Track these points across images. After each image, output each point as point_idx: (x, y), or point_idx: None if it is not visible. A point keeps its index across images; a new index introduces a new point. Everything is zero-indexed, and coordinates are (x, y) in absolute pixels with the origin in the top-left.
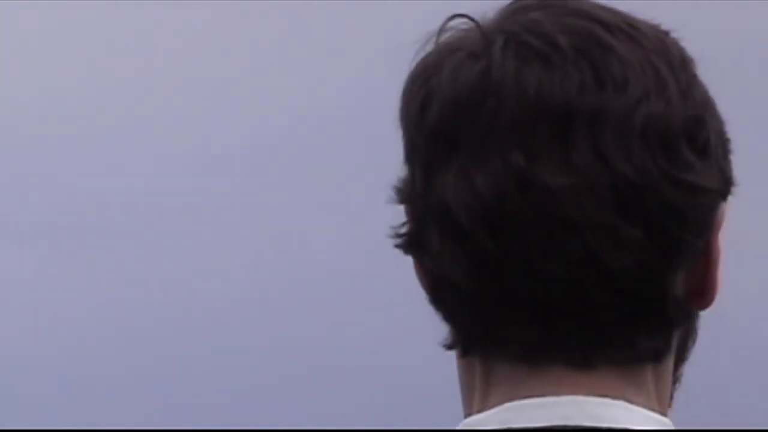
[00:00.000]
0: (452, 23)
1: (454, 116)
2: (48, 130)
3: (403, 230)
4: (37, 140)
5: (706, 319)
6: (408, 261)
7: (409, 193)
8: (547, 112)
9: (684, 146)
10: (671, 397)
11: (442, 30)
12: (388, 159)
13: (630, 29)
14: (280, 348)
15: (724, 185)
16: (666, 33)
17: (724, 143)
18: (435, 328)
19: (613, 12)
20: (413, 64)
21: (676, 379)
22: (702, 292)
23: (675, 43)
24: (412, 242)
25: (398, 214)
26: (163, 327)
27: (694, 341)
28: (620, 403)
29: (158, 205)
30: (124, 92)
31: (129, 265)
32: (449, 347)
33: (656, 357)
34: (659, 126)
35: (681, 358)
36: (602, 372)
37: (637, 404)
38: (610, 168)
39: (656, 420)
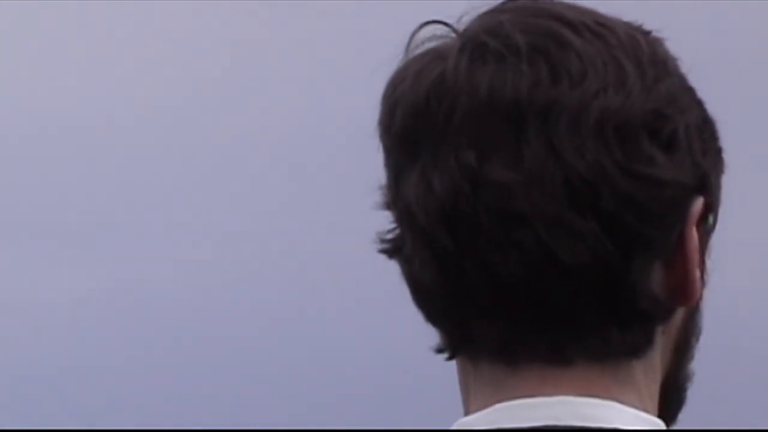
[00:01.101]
0: (428, 29)
1: (415, 120)
2: (47, 130)
3: (389, 236)
4: (35, 140)
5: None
6: None
7: (387, 199)
8: (498, 109)
9: (645, 140)
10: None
11: (412, 36)
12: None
13: (597, 27)
14: (281, 348)
15: (697, 179)
16: (644, 32)
17: (702, 138)
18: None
19: (583, 11)
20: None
21: (687, 378)
22: (681, 287)
23: (650, 41)
24: (395, 248)
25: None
26: (163, 327)
27: (697, 338)
28: (610, 403)
29: (159, 205)
30: (126, 93)
31: (128, 266)
32: (438, 351)
33: (634, 352)
34: (616, 119)
35: (683, 355)
36: (581, 368)
37: (627, 403)
38: (562, 162)
39: (647, 420)
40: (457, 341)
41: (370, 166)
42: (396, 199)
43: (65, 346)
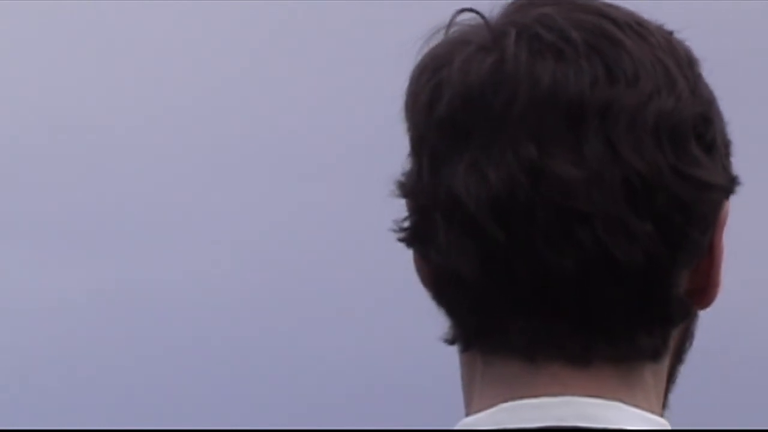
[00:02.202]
0: (459, 18)
1: (466, 107)
2: (50, 131)
3: (406, 224)
4: (37, 141)
5: (705, 318)
6: (406, 260)
7: (413, 186)
8: (560, 105)
9: (692, 143)
10: (666, 398)
11: (450, 24)
12: (388, 160)
13: (638, 27)
14: (282, 348)
15: (728, 183)
16: (670, 33)
17: (726, 143)
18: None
19: (621, 9)
20: (419, 58)
21: (672, 380)
22: (704, 290)
23: (680, 43)
24: (414, 236)
25: (397, 211)
26: (164, 327)
27: (691, 343)
28: (615, 404)
29: (160, 206)
30: (128, 93)
31: (130, 266)
32: (450, 342)
33: (655, 356)
34: (669, 122)
35: (679, 359)
36: (598, 369)
37: (633, 404)
38: (622, 161)
39: (652, 420)
40: (476, 334)
41: (376, 170)
42: (433, 186)
43: (65, 346)
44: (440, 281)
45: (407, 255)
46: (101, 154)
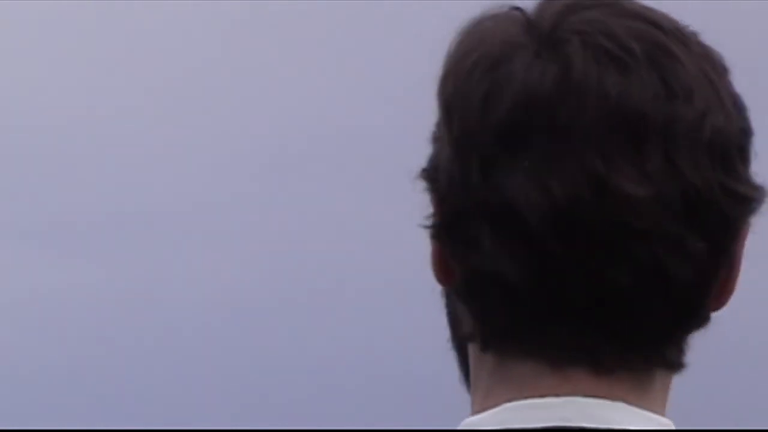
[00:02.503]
0: (496, 13)
1: (528, 114)
2: (57, 132)
3: (435, 219)
4: (46, 142)
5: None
6: (409, 261)
7: (453, 185)
8: (626, 119)
9: (737, 158)
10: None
11: (486, 17)
12: (388, 161)
13: (680, 34)
14: (283, 348)
15: (761, 195)
16: (695, 35)
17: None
18: (434, 327)
19: (658, 13)
20: (460, 51)
21: None
22: (720, 296)
23: (712, 49)
24: (446, 233)
25: (397, 212)
26: (167, 328)
27: None
28: (620, 405)
29: (166, 207)
30: (135, 95)
31: (136, 267)
32: (467, 340)
33: (678, 368)
34: (720, 138)
35: None
36: (618, 377)
37: (638, 405)
38: (682, 178)
39: (655, 420)
40: (504, 337)
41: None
42: (483, 189)
43: (65, 346)
44: (477, 282)
45: (407, 256)
46: (101, 154)
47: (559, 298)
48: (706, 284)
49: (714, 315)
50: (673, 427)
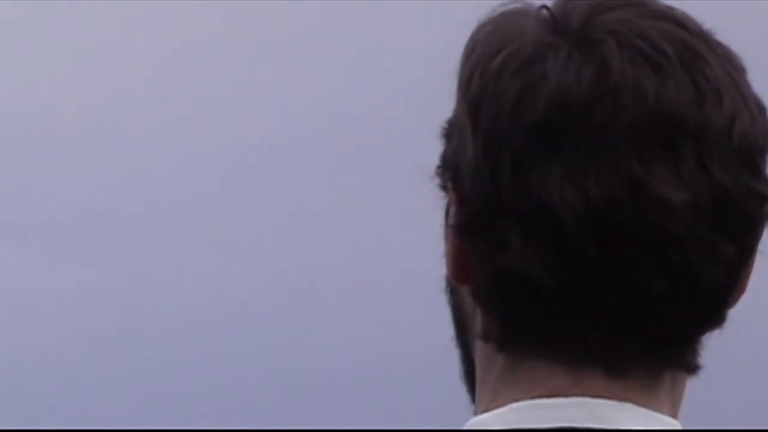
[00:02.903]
0: (517, 9)
1: (564, 114)
2: (53, 131)
3: (457, 218)
4: (42, 141)
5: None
6: (407, 261)
7: (480, 184)
8: (662, 121)
9: (761, 160)
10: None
11: (506, 14)
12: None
13: (702, 34)
14: (281, 348)
15: None
16: (712, 33)
17: None
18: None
19: (680, 12)
20: (486, 46)
21: None
22: (735, 297)
23: (732, 50)
24: (467, 232)
25: (396, 212)
26: (164, 327)
27: None
28: (627, 405)
29: (162, 206)
30: (131, 93)
31: (133, 266)
32: (484, 339)
33: (695, 370)
34: (748, 141)
35: None
36: (633, 378)
37: (646, 406)
38: (714, 182)
39: (663, 421)
40: (523, 337)
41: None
42: (515, 190)
43: (65, 346)
44: (503, 282)
45: (407, 257)
46: (101, 154)
47: (589, 301)
48: (733, 287)
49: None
50: (679, 427)
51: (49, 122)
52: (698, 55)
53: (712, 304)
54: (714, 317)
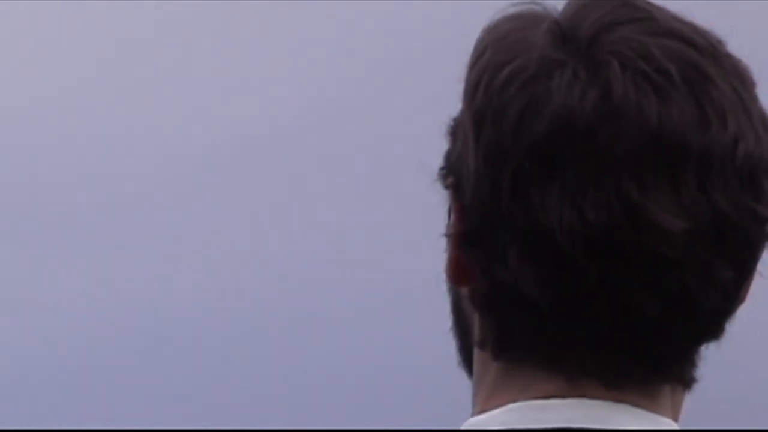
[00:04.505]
0: (525, 14)
1: (566, 135)
2: (44, 127)
3: (457, 228)
4: (32, 137)
5: None
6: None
7: (482, 198)
8: (664, 147)
9: (764, 180)
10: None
11: (514, 20)
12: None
13: (711, 48)
14: (280, 347)
15: None
16: (722, 43)
17: None
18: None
19: (690, 26)
20: (490, 55)
21: None
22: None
23: (741, 62)
24: (466, 242)
25: (398, 213)
26: (161, 326)
27: None
28: (624, 407)
29: (155, 201)
30: (126, 90)
31: (126, 263)
32: (480, 346)
33: (692, 384)
34: (751, 163)
35: None
36: (628, 389)
37: (646, 408)
38: (715, 207)
39: (658, 420)
40: (519, 346)
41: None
42: (513, 207)
43: (65, 346)
44: (499, 294)
45: (408, 257)
46: (101, 154)
47: (583, 320)
48: (730, 309)
49: None
50: (675, 427)
51: (38, 119)
52: (704, 74)
53: (710, 325)
54: (713, 336)
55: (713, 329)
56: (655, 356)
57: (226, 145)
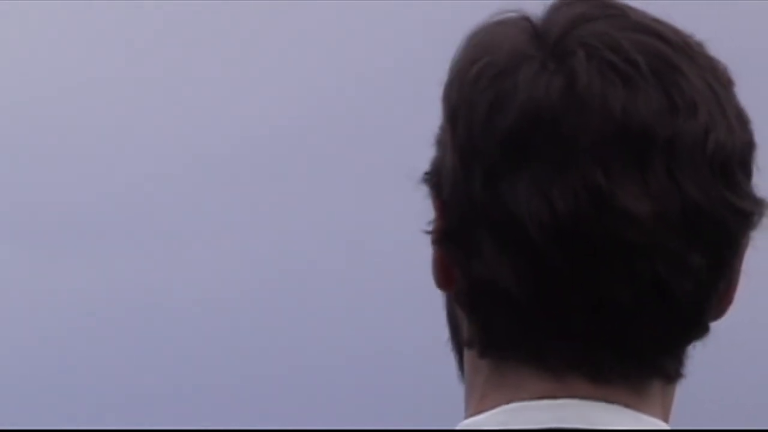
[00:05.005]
0: (504, 19)
1: (533, 126)
2: (41, 128)
3: (437, 225)
4: (32, 137)
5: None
6: (406, 262)
7: (456, 193)
8: (629, 135)
9: (739, 172)
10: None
11: (492, 23)
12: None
13: (686, 46)
14: (280, 347)
15: (763, 209)
16: (701, 44)
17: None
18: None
19: (667, 26)
20: (466, 58)
21: None
22: (720, 306)
23: (718, 61)
24: (449, 240)
25: (398, 213)
26: (161, 326)
27: None
28: (616, 407)
29: (156, 201)
30: (126, 90)
31: (126, 263)
32: (468, 346)
33: (676, 378)
34: (723, 153)
35: None
36: (615, 386)
37: (637, 409)
38: (683, 194)
39: (648, 422)
40: (503, 346)
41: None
42: (486, 200)
43: (64, 346)
44: (477, 291)
45: (407, 257)
46: (101, 154)
47: (558, 311)
48: (706, 298)
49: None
50: (666, 427)
51: (38, 119)
52: (673, 66)
53: (685, 314)
54: (690, 328)
55: (691, 322)
56: (634, 348)
57: (226, 146)
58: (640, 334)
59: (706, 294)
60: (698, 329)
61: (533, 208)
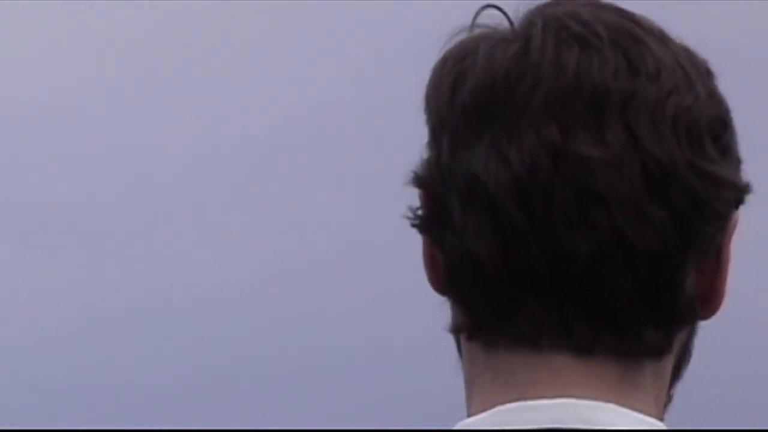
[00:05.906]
0: (484, 15)
1: (489, 92)
2: (41, 129)
3: (420, 212)
4: (29, 138)
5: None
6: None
7: (430, 172)
8: (583, 92)
9: (708, 142)
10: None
11: (474, 21)
12: (382, 159)
13: (660, 34)
14: (280, 347)
15: (743, 186)
16: (680, 40)
17: (739, 159)
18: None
19: (646, 19)
20: (443, 53)
21: (670, 399)
22: (708, 297)
23: (699, 55)
24: (429, 222)
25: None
26: (161, 326)
27: (688, 361)
28: (611, 407)
29: (156, 201)
30: (126, 90)
31: (126, 263)
32: (457, 331)
33: (658, 353)
34: (687, 118)
35: (677, 375)
36: (601, 363)
37: (631, 406)
38: (642, 149)
39: (646, 422)
40: (484, 319)
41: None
42: (452, 167)
43: (65, 346)
44: (454, 264)
45: (408, 257)
46: (101, 154)
47: (523, 270)
48: (674, 259)
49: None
50: (662, 427)
51: (38, 119)
52: (637, 39)
53: (652, 273)
54: (661, 291)
55: (659, 283)
56: (608, 312)
57: (226, 146)
58: (607, 293)
59: (674, 256)
60: (676, 303)
61: (491, 167)
